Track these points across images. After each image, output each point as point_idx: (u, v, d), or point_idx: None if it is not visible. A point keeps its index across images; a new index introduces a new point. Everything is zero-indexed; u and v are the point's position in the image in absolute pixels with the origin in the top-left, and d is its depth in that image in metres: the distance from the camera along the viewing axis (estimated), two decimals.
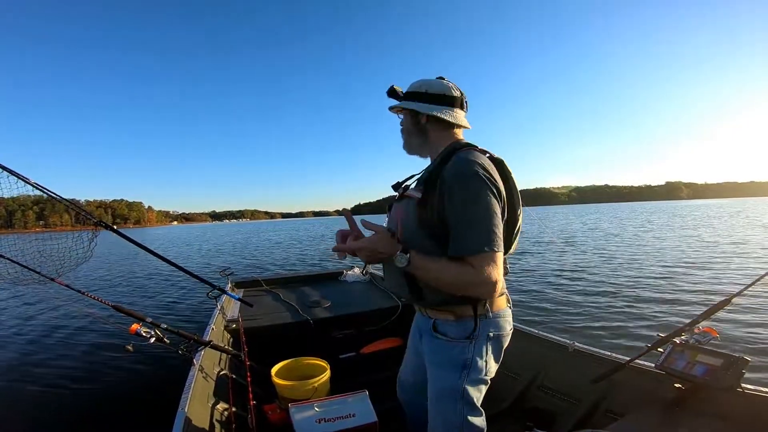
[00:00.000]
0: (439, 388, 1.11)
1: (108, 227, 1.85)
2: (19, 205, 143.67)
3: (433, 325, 1.12)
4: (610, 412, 1.61)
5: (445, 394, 1.09)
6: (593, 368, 1.67)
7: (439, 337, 1.10)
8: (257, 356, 2.16)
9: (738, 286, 5.65)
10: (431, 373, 1.14)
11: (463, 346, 1.07)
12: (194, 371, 1.73)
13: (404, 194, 1.14)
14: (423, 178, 1.13)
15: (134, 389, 3.13)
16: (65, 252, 1.79)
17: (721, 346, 1.38)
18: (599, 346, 1.89)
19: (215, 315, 2.55)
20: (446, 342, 1.09)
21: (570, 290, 6.15)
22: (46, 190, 1.70)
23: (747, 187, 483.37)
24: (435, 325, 1.11)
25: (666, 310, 4.82)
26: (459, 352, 1.08)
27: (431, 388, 1.14)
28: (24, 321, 5.51)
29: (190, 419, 1.41)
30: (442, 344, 1.10)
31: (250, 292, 3.46)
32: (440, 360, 1.11)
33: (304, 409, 1.62)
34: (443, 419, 1.10)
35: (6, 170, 1.57)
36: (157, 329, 1.68)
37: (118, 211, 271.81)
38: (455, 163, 1.01)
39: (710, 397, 1.29)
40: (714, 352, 1.32)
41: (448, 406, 1.09)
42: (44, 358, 3.97)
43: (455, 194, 0.97)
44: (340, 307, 2.88)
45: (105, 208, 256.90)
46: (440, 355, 1.11)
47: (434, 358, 1.13)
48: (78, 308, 5.99)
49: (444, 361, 1.10)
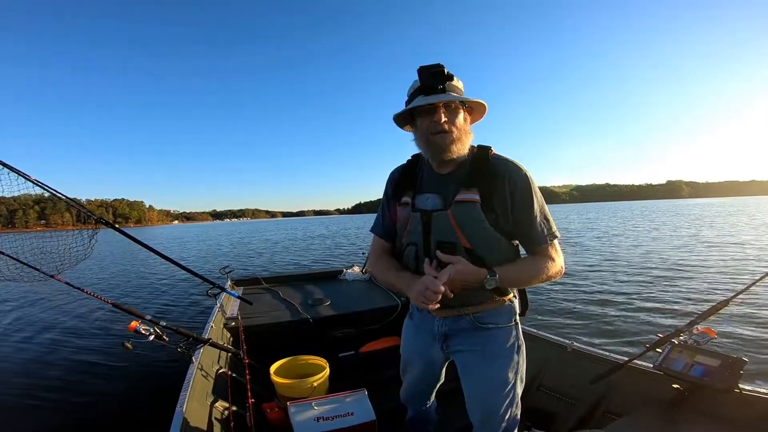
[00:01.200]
0: (504, 376, 1.11)
1: (108, 224, 1.85)
2: (21, 205, 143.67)
3: (476, 320, 1.12)
4: (608, 413, 1.61)
5: (509, 380, 1.12)
6: (592, 368, 1.67)
7: (488, 327, 1.12)
8: (256, 354, 2.16)
9: (736, 287, 5.65)
10: (488, 366, 1.12)
11: (511, 328, 1.14)
12: (193, 369, 1.73)
13: (456, 200, 1.02)
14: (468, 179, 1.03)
15: (133, 387, 3.14)
16: (65, 249, 1.79)
17: (720, 347, 1.39)
18: (598, 346, 1.89)
19: (214, 313, 2.55)
20: (498, 330, 1.12)
21: (568, 290, 6.15)
22: (47, 188, 1.70)
23: (748, 186, 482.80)
24: (478, 318, 1.12)
25: (664, 310, 4.82)
26: (513, 336, 1.14)
27: (492, 378, 1.12)
28: (23, 318, 5.52)
29: (188, 417, 1.41)
30: (493, 333, 1.12)
31: (250, 290, 3.46)
32: (497, 350, 1.12)
33: (303, 408, 1.62)
34: (509, 400, 1.12)
35: (7, 167, 1.57)
36: (157, 327, 1.68)
37: (119, 210, 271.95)
38: (507, 162, 1.04)
39: (708, 398, 1.29)
40: (712, 352, 1.32)
41: (512, 390, 1.13)
42: (43, 354, 3.98)
43: (524, 192, 1.01)
44: (339, 305, 2.88)
45: (106, 207, 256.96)
46: (495, 344, 1.12)
47: (488, 348, 1.12)
48: (77, 305, 6.01)
49: (501, 349, 1.12)
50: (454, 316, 1.14)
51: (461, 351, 1.16)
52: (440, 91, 1.00)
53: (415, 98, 1.03)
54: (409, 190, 1.14)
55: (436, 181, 1.10)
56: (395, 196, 1.18)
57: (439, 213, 1.04)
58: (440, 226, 1.03)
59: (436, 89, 0.99)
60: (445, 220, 1.02)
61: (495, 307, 1.12)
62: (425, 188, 1.12)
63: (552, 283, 6.49)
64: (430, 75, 0.99)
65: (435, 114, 1.00)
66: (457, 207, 1.02)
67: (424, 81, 1.00)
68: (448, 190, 1.06)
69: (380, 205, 1.28)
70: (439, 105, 1.00)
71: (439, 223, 1.03)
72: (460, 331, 1.15)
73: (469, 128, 1.08)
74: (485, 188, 1.00)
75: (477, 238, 1.01)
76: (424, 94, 1.00)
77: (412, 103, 1.03)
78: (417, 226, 1.08)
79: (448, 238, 1.02)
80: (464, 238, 1.01)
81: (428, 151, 1.06)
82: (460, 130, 1.03)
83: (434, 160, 1.08)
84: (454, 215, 1.01)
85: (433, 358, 1.25)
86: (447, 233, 1.02)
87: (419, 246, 1.08)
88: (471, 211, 1.00)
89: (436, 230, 1.04)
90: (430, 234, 1.05)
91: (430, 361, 1.26)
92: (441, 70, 0.98)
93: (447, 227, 1.02)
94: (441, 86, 0.99)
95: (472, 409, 1.16)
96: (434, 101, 0.99)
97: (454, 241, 1.02)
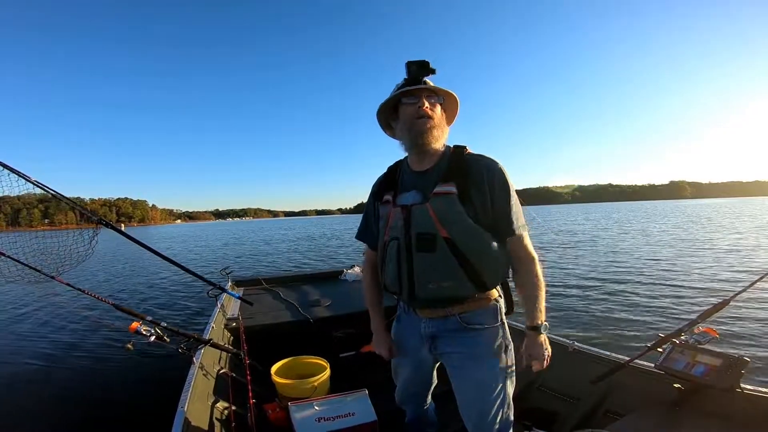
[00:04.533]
0: (494, 378, 1.12)
1: (109, 225, 1.85)
2: (25, 204, 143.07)
3: (462, 320, 1.12)
4: (609, 412, 1.60)
5: (499, 381, 1.13)
6: (593, 368, 1.67)
7: (475, 328, 1.12)
8: (257, 355, 2.16)
9: (738, 286, 5.64)
10: (477, 368, 1.13)
11: (497, 328, 1.15)
12: (194, 370, 1.73)
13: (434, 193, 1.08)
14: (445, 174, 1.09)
15: (134, 388, 3.14)
16: (66, 250, 1.79)
17: (721, 347, 1.38)
18: (599, 346, 1.88)
19: (215, 314, 2.56)
20: (484, 330, 1.13)
21: (569, 289, 6.14)
22: (46, 188, 1.70)
23: (751, 186, 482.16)
24: (465, 319, 1.12)
25: (666, 310, 4.81)
26: (500, 336, 1.15)
27: (482, 380, 1.13)
28: (24, 319, 5.53)
29: (189, 418, 1.41)
30: (480, 334, 1.13)
31: (250, 291, 3.46)
32: (484, 351, 1.13)
33: (304, 408, 1.62)
34: (500, 402, 1.13)
35: (7, 168, 1.57)
36: (157, 328, 1.68)
37: (122, 209, 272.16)
38: (484, 158, 1.10)
39: (710, 397, 1.29)
40: (713, 352, 1.32)
41: (503, 390, 1.13)
42: (44, 355, 3.98)
43: (501, 184, 1.06)
44: (340, 306, 2.88)
45: (110, 206, 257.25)
46: (482, 345, 1.13)
47: (476, 350, 1.13)
48: (78, 306, 6.02)
49: (488, 350, 1.13)
50: (441, 318, 1.15)
51: (449, 353, 1.17)
52: (424, 83, 1.10)
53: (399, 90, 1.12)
54: (391, 190, 1.19)
55: (415, 178, 1.16)
56: (377, 197, 1.25)
57: (419, 206, 1.09)
58: (419, 218, 1.08)
59: (420, 81, 1.10)
60: (425, 212, 1.07)
61: (481, 306, 1.13)
62: (405, 187, 1.17)
63: (552, 284, 6.52)
64: (417, 67, 1.09)
65: (418, 101, 1.09)
66: (435, 200, 1.07)
67: (411, 72, 1.10)
68: (427, 186, 1.11)
69: (364, 212, 1.34)
70: (421, 94, 1.10)
71: (419, 215, 1.08)
72: (446, 332, 1.15)
73: (445, 124, 1.17)
74: (462, 182, 1.06)
75: (455, 230, 1.04)
76: (409, 86, 1.10)
77: (399, 90, 1.11)
78: (398, 221, 1.12)
79: (427, 230, 1.06)
80: (443, 229, 1.05)
81: (410, 136, 1.12)
82: (440, 120, 1.13)
83: (415, 146, 1.13)
84: (432, 207, 1.06)
85: (423, 360, 1.26)
86: (426, 225, 1.06)
87: (401, 240, 1.11)
88: (449, 203, 1.05)
89: (416, 223, 1.08)
90: (410, 227, 1.09)
91: (420, 363, 1.27)
92: (426, 63, 1.09)
93: (426, 219, 1.07)
94: (424, 78, 1.10)
95: (465, 411, 1.16)
96: (419, 88, 1.09)
97: (434, 232, 1.05)
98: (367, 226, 1.31)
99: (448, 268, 1.05)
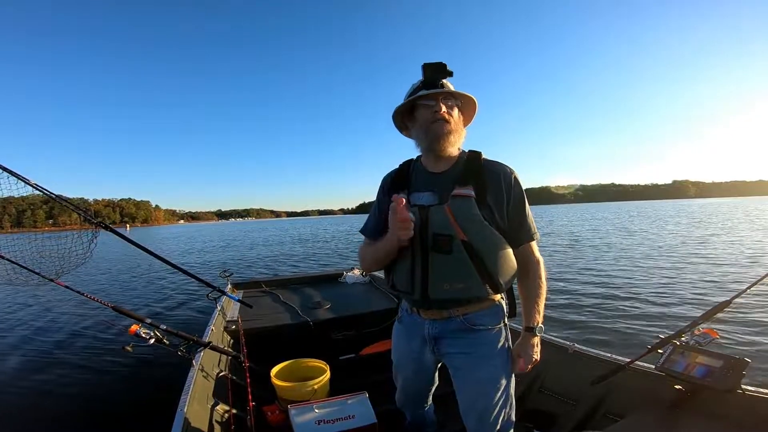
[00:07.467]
0: (497, 378, 1.13)
1: (107, 228, 1.85)
2: (29, 205, 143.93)
3: (466, 321, 1.13)
4: (609, 414, 1.60)
5: (502, 381, 1.13)
6: (593, 369, 1.66)
7: (478, 329, 1.13)
8: (257, 357, 2.16)
9: (739, 287, 5.63)
10: (479, 368, 1.14)
11: (500, 329, 1.17)
12: (194, 372, 1.73)
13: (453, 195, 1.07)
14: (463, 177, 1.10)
15: (133, 390, 3.13)
16: (65, 252, 1.79)
17: (722, 348, 1.38)
18: (599, 347, 1.88)
19: (215, 316, 2.55)
20: (487, 331, 1.14)
21: (569, 290, 6.13)
22: (45, 191, 1.71)
23: (755, 186, 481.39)
24: (468, 320, 1.13)
25: (666, 311, 4.80)
26: (503, 337, 1.17)
27: (484, 381, 1.13)
28: (23, 322, 5.51)
29: (189, 420, 1.41)
30: (483, 335, 1.14)
31: (250, 294, 3.46)
32: (487, 351, 1.14)
33: (304, 411, 1.62)
34: (503, 401, 1.13)
35: (6, 171, 1.57)
36: (157, 330, 1.68)
37: (126, 210, 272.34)
38: (499, 163, 1.13)
39: (710, 399, 1.28)
40: (714, 353, 1.31)
41: (505, 391, 1.14)
42: (43, 358, 3.98)
43: (517, 191, 1.10)
44: (339, 308, 2.88)
45: (113, 207, 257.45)
46: (485, 346, 1.14)
47: (480, 350, 1.14)
48: (77, 308, 6.00)
49: (491, 350, 1.14)
50: (444, 318, 1.15)
51: (452, 354, 1.17)
52: (441, 86, 1.09)
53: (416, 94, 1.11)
54: (403, 189, 1.18)
55: (430, 179, 1.15)
56: (389, 195, 1.20)
57: (437, 207, 1.08)
58: (437, 219, 1.07)
59: (437, 84, 1.09)
60: (442, 213, 1.07)
61: (484, 307, 1.14)
62: (419, 187, 1.16)
63: (552, 284, 6.51)
64: (433, 70, 1.08)
65: (435, 104, 1.08)
66: (454, 201, 1.07)
67: (427, 76, 1.08)
68: (443, 187, 1.11)
69: (372, 208, 1.31)
70: (438, 97, 1.08)
71: (437, 216, 1.07)
72: (450, 333, 1.15)
73: (462, 127, 1.15)
74: (479, 186, 1.07)
75: (472, 231, 1.05)
76: (426, 89, 1.09)
77: (416, 94, 1.10)
78: (415, 221, 1.10)
79: (444, 231, 1.06)
80: (460, 230, 1.05)
81: (427, 140, 1.11)
82: (457, 123, 1.12)
83: (432, 149, 1.12)
84: (451, 209, 1.06)
85: (425, 362, 1.25)
86: (444, 226, 1.06)
87: (416, 240, 1.10)
88: (467, 206, 1.06)
89: (433, 223, 1.07)
90: (428, 228, 1.08)
91: (422, 365, 1.27)
92: (443, 66, 1.07)
93: (444, 220, 1.06)
94: (441, 81, 1.09)
95: (466, 412, 1.16)
96: (437, 92, 1.08)
97: (451, 233, 1.05)
98: (375, 223, 1.26)
99: (463, 269, 1.06)
